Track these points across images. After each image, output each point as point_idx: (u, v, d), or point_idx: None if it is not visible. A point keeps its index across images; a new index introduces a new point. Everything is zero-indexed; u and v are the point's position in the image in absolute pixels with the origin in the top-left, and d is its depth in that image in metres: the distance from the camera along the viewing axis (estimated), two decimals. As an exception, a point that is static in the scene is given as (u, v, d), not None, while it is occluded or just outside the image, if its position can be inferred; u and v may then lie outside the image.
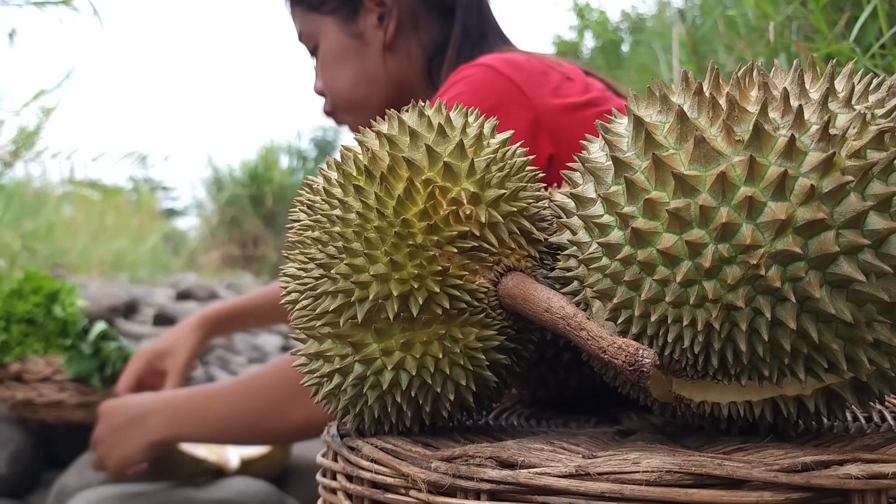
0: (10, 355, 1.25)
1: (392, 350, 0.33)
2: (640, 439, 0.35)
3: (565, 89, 0.72)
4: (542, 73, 0.72)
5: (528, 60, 0.73)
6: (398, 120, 0.36)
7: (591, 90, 0.74)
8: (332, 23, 0.86)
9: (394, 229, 0.32)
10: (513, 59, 0.73)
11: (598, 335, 0.29)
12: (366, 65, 0.86)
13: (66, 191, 6.05)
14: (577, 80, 0.74)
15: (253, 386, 0.76)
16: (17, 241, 4.20)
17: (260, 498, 1.00)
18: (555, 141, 0.69)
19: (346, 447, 0.35)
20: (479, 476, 0.28)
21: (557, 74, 0.73)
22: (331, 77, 0.89)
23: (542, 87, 0.71)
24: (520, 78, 0.70)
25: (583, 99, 0.71)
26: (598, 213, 0.32)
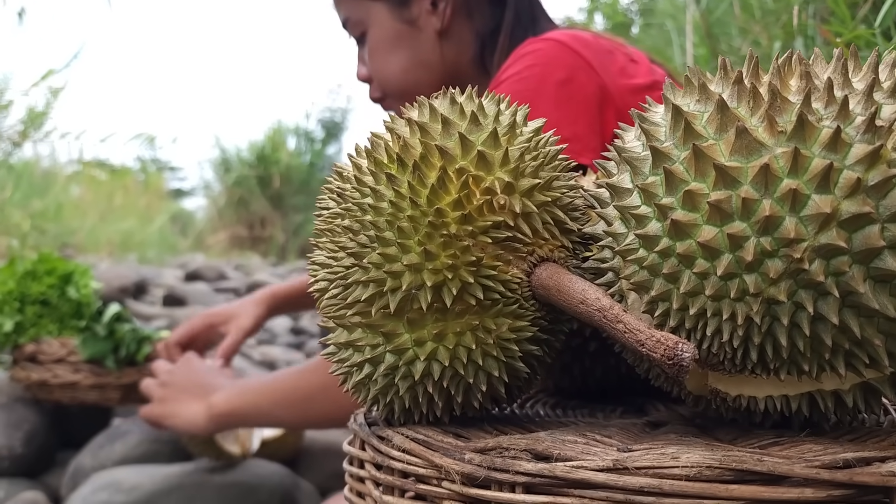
0: (25, 336, 1.26)
1: (424, 340, 0.33)
2: (671, 431, 0.35)
3: (631, 70, 0.72)
4: (608, 51, 0.72)
5: (596, 38, 0.73)
6: (429, 107, 0.36)
7: (655, 72, 0.74)
8: (384, 9, 0.86)
9: (427, 219, 0.32)
10: (581, 36, 0.73)
11: (635, 328, 0.29)
12: (419, 51, 0.86)
13: (75, 171, 6.06)
14: (642, 63, 0.74)
15: (317, 364, 0.79)
16: (26, 220, 4.22)
17: (275, 480, 1.01)
18: (621, 118, 0.68)
19: (375, 436, 0.35)
20: (514, 469, 0.28)
21: (622, 55, 0.73)
22: (382, 64, 0.89)
23: (609, 65, 0.71)
24: (589, 53, 0.70)
25: (647, 80, 0.71)
26: (635, 204, 0.31)
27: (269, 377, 0.87)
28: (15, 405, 1.29)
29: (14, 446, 1.25)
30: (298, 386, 0.80)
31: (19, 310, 1.26)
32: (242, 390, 0.85)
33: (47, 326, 1.26)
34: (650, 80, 0.75)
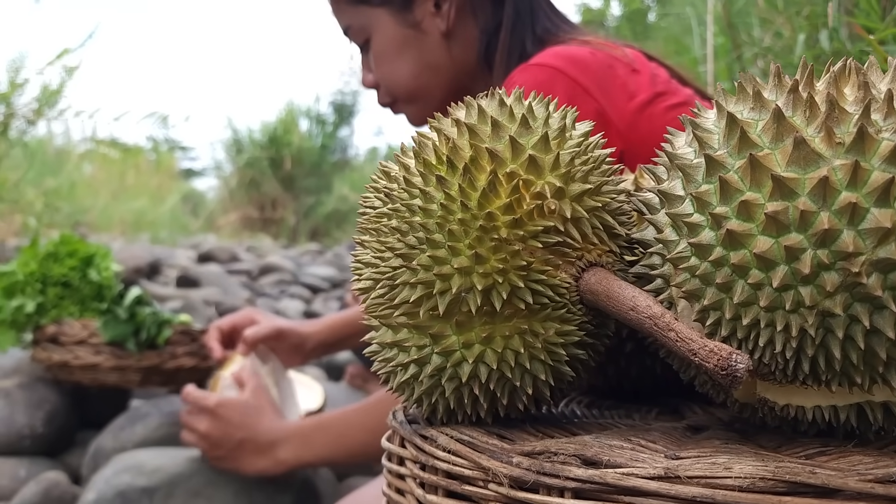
0: (47, 317, 1.28)
1: (472, 343, 0.33)
2: (713, 437, 0.35)
3: (633, 85, 0.70)
4: (608, 67, 0.71)
5: (593, 55, 0.71)
6: (478, 108, 0.35)
7: (657, 80, 0.72)
8: (386, 14, 0.85)
9: (478, 222, 0.32)
10: (577, 57, 0.71)
11: (688, 337, 0.29)
12: (426, 55, 0.85)
13: (88, 149, 6.08)
14: (643, 71, 0.73)
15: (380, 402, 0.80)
16: (39, 198, 4.25)
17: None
18: (623, 138, 0.68)
19: (418, 435, 0.36)
20: (564, 474, 0.29)
21: (623, 68, 0.72)
22: (389, 70, 0.88)
23: (610, 86, 0.69)
24: (586, 78, 0.68)
25: (651, 94, 0.70)
26: (687, 212, 0.31)
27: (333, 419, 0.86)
28: (36, 385, 1.31)
29: (35, 426, 1.27)
30: (366, 427, 0.81)
31: (41, 291, 1.28)
32: (309, 443, 0.86)
33: (69, 308, 1.28)
34: (653, 91, 0.74)
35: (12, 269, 1.29)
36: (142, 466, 0.99)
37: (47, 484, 1.09)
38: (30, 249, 1.30)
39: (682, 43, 3.00)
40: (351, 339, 1.12)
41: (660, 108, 0.71)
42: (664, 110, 0.71)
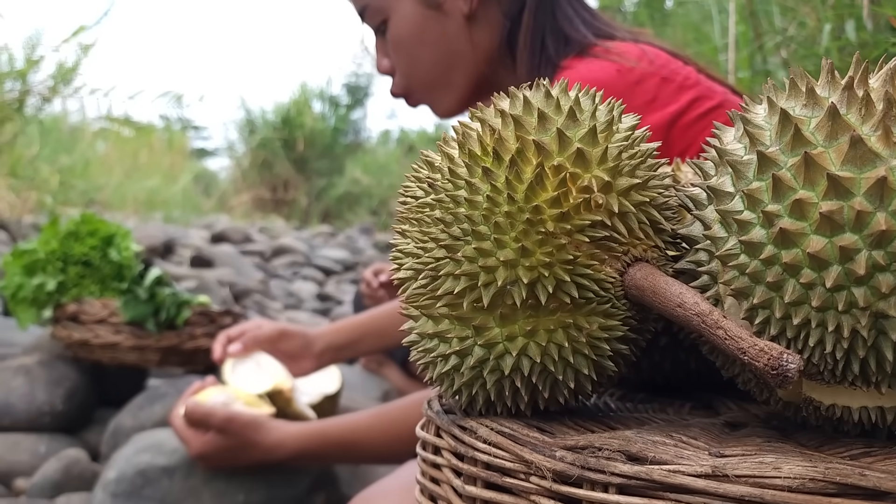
0: (67, 296, 1.29)
1: (515, 336, 0.33)
2: (753, 435, 0.35)
3: (663, 98, 0.69)
4: (634, 85, 0.69)
5: (620, 74, 0.70)
6: (524, 99, 0.35)
7: (687, 85, 0.71)
8: None
9: (524, 215, 0.32)
10: (601, 83, 0.71)
11: (737, 335, 0.29)
12: (448, 39, 0.82)
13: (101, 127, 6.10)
14: (673, 78, 0.72)
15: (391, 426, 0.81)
16: (54, 176, 4.27)
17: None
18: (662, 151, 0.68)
19: (456, 426, 0.36)
20: (609, 470, 0.29)
21: (653, 82, 0.70)
22: (408, 56, 0.84)
23: (636, 100, 0.68)
24: None
25: (682, 103, 0.69)
26: (737, 209, 0.31)
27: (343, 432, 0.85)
28: (56, 363, 1.32)
29: (55, 403, 1.29)
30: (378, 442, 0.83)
31: (62, 270, 1.29)
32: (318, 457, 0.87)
33: (89, 287, 1.29)
34: (684, 102, 0.73)
35: (33, 247, 1.30)
36: (161, 446, 1.00)
37: (68, 461, 1.10)
38: (50, 228, 1.31)
39: (701, 31, 2.96)
40: (364, 343, 1.10)
41: (692, 117, 0.70)
42: (696, 119, 0.71)
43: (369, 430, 0.83)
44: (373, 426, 0.83)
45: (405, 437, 0.80)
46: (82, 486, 1.09)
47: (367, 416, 0.86)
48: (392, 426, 0.82)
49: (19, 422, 1.27)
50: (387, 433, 0.82)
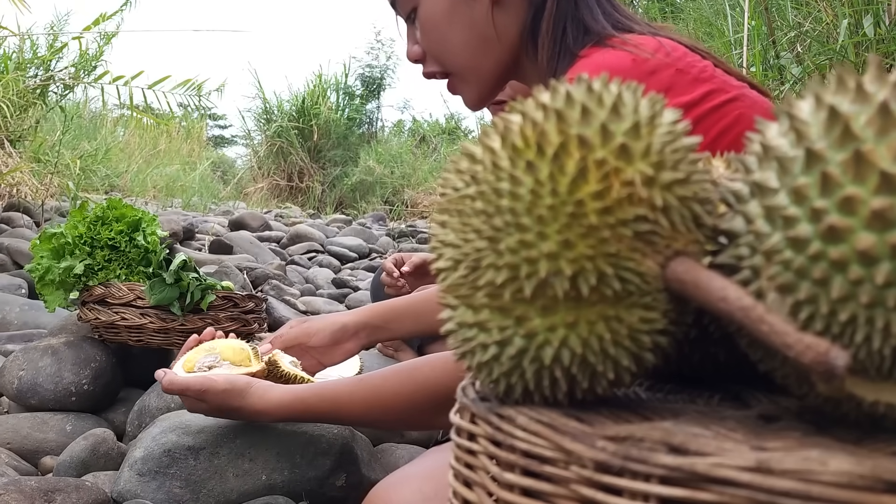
0: (94, 279, 1.31)
1: (556, 327, 0.33)
2: (789, 428, 0.35)
3: (677, 88, 0.70)
4: (649, 74, 0.70)
5: (635, 64, 0.70)
6: (565, 93, 0.35)
7: (703, 77, 0.71)
8: None
9: (567, 208, 0.32)
10: (617, 68, 0.71)
11: (782, 330, 0.29)
12: (475, 24, 0.84)
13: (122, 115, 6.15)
14: (689, 70, 0.72)
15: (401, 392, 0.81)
16: (75, 162, 4.32)
17: (334, 431, 1.04)
18: None
19: (493, 414, 0.36)
20: (652, 461, 0.29)
21: (668, 73, 0.71)
22: (438, 41, 0.86)
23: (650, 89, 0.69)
24: None
25: (696, 95, 0.69)
26: (782, 204, 0.31)
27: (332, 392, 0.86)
28: (83, 344, 1.35)
29: (82, 383, 1.31)
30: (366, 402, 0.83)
31: (89, 253, 1.31)
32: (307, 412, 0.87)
33: (115, 271, 1.31)
34: (699, 93, 0.73)
35: (61, 231, 1.32)
36: (188, 427, 1.02)
37: (95, 440, 1.13)
38: (78, 212, 1.34)
39: (713, 25, 2.93)
40: (400, 324, 1.09)
41: (705, 109, 0.71)
42: (710, 111, 0.71)
43: (351, 398, 0.84)
44: (354, 394, 0.84)
45: (386, 405, 0.82)
46: (109, 464, 1.12)
47: (349, 383, 0.87)
48: (372, 395, 0.83)
49: (46, 401, 1.30)
50: (367, 401, 0.83)
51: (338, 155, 8.27)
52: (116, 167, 5.75)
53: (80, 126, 5.63)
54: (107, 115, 6.38)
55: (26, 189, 3.66)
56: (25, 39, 4.12)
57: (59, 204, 3.72)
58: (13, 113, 3.82)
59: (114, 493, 0.99)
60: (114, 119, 6.66)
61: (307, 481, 1.00)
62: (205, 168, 7.45)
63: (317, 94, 8.34)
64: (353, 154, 8.29)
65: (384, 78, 9.27)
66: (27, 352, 1.32)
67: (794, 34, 2.05)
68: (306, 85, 8.50)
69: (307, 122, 8.12)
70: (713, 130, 0.72)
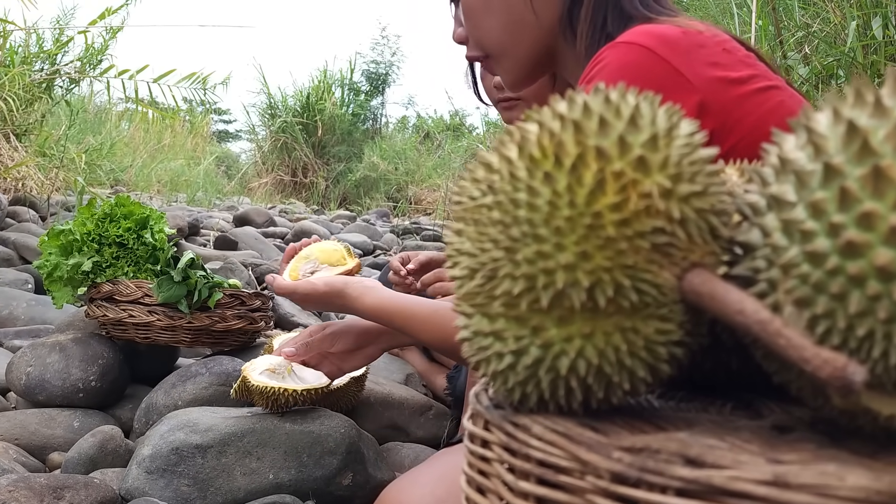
0: (102, 276, 1.31)
1: (573, 338, 0.33)
2: (803, 440, 0.35)
3: (724, 62, 0.69)
4: (699, 46, 0.69)
5: (685, 34, 0.70)
6: (582, 104, 0.35)
7: (748, 62, 0.71)
8: None
9: (585, 220, 0.32)
10: (667, 36, 0.70)
11: (800, 344, 0.29)
12: (512, 8, 0.84)
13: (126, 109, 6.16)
14: (735, 52, 0.72)
15: None
16: (81, 156, 4.33)
17: (342, 431, 1.05)
18: (714, 116, 0.67)
19: (508, 422, 0.37)
20: (668, 473, 0.29)
21: (715, 47, 0.70)
22: (477, 24, 0.88)
23: (699, 61, 0.68)
24: (677, 59, 0.67)
25: (743, 74, 0.69)
26: (800, 218, 0.31)
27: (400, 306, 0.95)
28: (90, 341, 1.35)
29: (89, 380, 1.32)
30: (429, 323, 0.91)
31: (97, 251, 1.31)
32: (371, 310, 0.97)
33: (123, 268, 1.31)
34: (745, 73, 0.72)
35: (69, 227, 1.32)
36: (195, 425, 1.03)
37: (103, 437, 1.13)
38: (86, 210, 1.34)
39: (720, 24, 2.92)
40: None
41: (752, 89, 0.70)
42: (754, 92, 0.70)
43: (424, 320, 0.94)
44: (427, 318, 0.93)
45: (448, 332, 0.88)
46: (117, 461, 1.12)
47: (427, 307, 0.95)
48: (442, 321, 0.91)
49: (54, 397, 1.30)
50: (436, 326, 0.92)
51: (342, 151, 8.28)
52: (121, 161, 5.76)
53: (85, 120, 5.64)
54: (112, 109, 6.39)
55: (32, 183, 3.67)
56: (31, 34, 4.13)
57: (65, 198, 3.73)
58: (19, 107, 3.82)
59: (122, 491, 1.00)
60: (118, 113, 6.67)
61: (314, 480, 1.00)
62: (209, 163, 7.46)
63: (321, 89, 8.35)
64: (358, 150, 8.30)
65: (389, 74, 9.27)
66: (35, 348, 1.32)
67: (802, 35, 2.04)
68: (311, 80, 8.51)
69: (311, 118, 8.13)
70: (757, 112, 0.71)
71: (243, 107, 9.16)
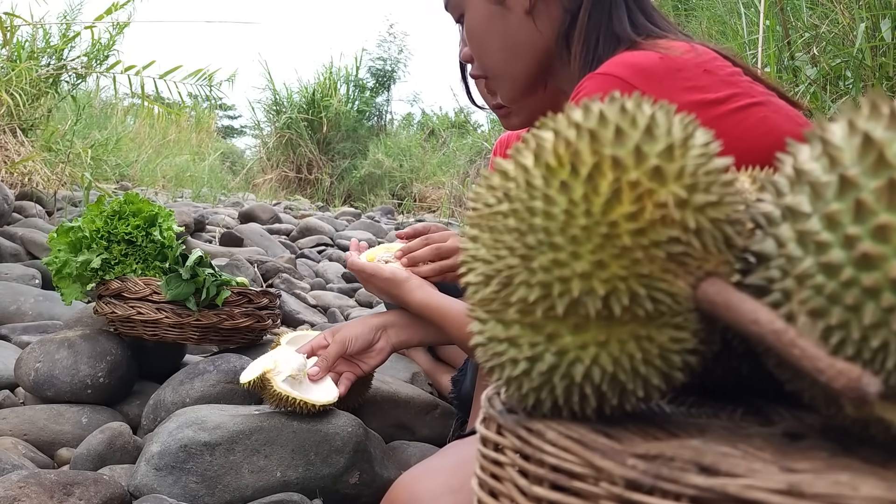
0: (111, 273, 1.32)
1: (587, 345, 0.34)
2: (815, 447, 0.35)
3: (703, 84, 0.71)
4: (676, 70, 0.71)
5: (663, 60, 0.72)
6: (598, 113, 0.36)
7: (730, 82, 0.73)
8: None
9: (601, 229, 0.33)
10: (642, 66, 0.73)
11: (814, 355, 0.29)
12: (510, 32, 0.91)
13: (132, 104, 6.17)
14: (717, 72, 0.73)
15: None
16: (87, 151, 4.34)
17: (349, 430, 1.05)
18: None
19: (522, 427, 0.37)
20: (683, 480, 0.30)
21: (695, 71, 0.72)
22: (479, 46, 0.93)
23: (674, 87, 0.70)
24: (651, 87, 0.70)
25: (721, 95, 0.70)
26: (815, 230, 0.31)
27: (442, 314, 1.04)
28: (99, 337, 1.36)
29: (98, 376, 1.33)
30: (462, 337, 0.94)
31: (106, 248, 1.32)
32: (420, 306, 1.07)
33: (132, 265, 1.32)
34: (724, 93, 0.74)
35: (78, 225, 1.33)
36: (204, 422, 1.03)
37: (111, 433, 1.14)
38: (95, 207, 1.35)
39: (727, 24, 2.91)
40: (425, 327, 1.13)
41: (731, 108, 0.72)
42: (733, 111, 0.72)
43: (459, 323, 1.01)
44: (462, 321, 0.98)
45: None
46: (125, 458, 1.13)
47: (461, 309, 1.02)
48: None
49: (62, 393, 1.31)
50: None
51: (347, 147, 8.29)
52: (127, 157, 5.78)
53: (91, 115, 5.65)
54: (117, 104, 6.40)
55: (38, 178, 3.68)
56: (38, 29, 4.14)
57: (72, 193, 3.75)
58: (26, 102, 3.84)
59: (130, 487, 1.00)
60: (124, 109, 6.69)
61: (321, 479, 1.01)
62: (214, 159, 7.48)
63: (327, 86, 8.35)
64: (362, 147, 8.31)
65: (395, 71, 9.27)
66: (43, 344, 1.33)
67: (810, 36, 2.04)
68: (317, 77, 8.51)
69: (317, 114, 8.14)
70: (736, 130, 0.73)
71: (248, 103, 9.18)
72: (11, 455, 1.08)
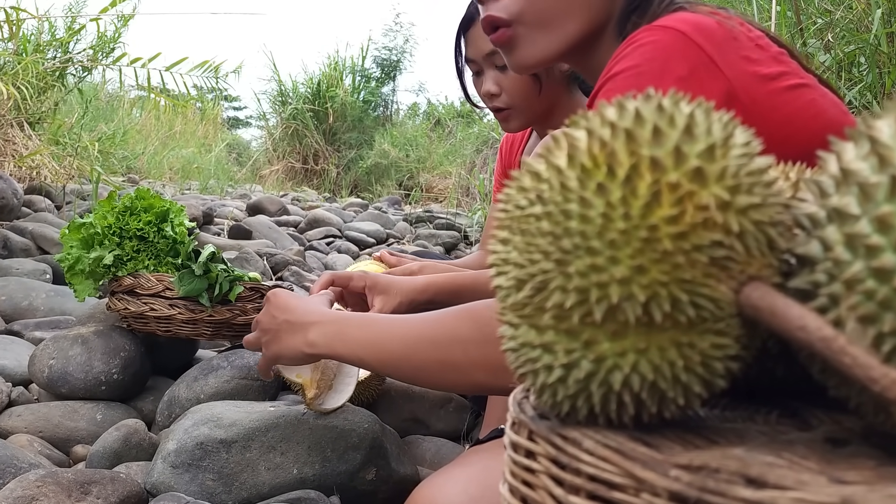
0: (123, 270, 1.32)
1: (626, 352, 0.33)
2: (860, 454, 0.34)
3: (756, 57, 0.68)
4: (733, 38, 0.69)
5: (720, 25, 0.69)
6: (634, 111, 0.35)
7: (780, 60, 0.70)
8: None
9: (640, 233, 0.32)
10: (704, 24, 0.69)
11: (866, 363, 0.28)
12: None
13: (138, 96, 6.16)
14: (768, 49, 0.71)
15: (434, 336, 0.73)
16: (94, 144, 4.34)
17: (365, 426, 1.05)
18: (746, 112, 0.66)
19: (556, 435, 0.36)
20: (731, 493, 0.29)
21: (747, 41, 0.70)
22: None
23: (733, 52, 0.67)
24: (711, 47, 0.66)
25: (773, 70, 0.68)
26: (865, 233, 0.30)
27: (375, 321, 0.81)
28: (112, 333, 1.36)
29: (111, 372, 1.33)
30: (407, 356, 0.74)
31: (118, 244, 1.32)
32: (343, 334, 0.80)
33: (144, 261, 1.32)
34: (776, 70, 0.71)
35: (90, 221, 1.33)
36: (220, 419, 1.03)
37: (127, 431, 1.14)
38: (106, 203, 1.34)
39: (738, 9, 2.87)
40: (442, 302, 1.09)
41: (782, 86, 0.69)
42: (786, 89, 0.69)
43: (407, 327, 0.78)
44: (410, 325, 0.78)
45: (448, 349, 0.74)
46: (141, 455, 1.13)
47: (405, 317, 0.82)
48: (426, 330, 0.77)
49: (77, 390, 1.31)
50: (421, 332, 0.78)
51: (353, 138, 8.26)
52: (133, 149, 5.78)
53: (98, 108, 5.65)
54: (124, 97, 6.40)
55: (47, 172, 3.68)
56: (44, 22, 4.13)
57: (80, 187, 3.75)
58: (32, 95, 3.84)
59: (147, 485, 1.00)
60: (130, 101, 6.69)
61: (338, 475, 1.01)
62: (220, 150, 7.47)
63: (333, 76, 8.32)
64: (369, 137, 8.28)
65: (401, 61, 9.23)
66: (57, 340, 1.33)
67: (823, 22, 2.00)
68: (322, 67, 8.49)
69: (322, 105, 8.11)
70: (786, 109, 0.70)
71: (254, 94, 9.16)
72: (27, 453, 1.08)
